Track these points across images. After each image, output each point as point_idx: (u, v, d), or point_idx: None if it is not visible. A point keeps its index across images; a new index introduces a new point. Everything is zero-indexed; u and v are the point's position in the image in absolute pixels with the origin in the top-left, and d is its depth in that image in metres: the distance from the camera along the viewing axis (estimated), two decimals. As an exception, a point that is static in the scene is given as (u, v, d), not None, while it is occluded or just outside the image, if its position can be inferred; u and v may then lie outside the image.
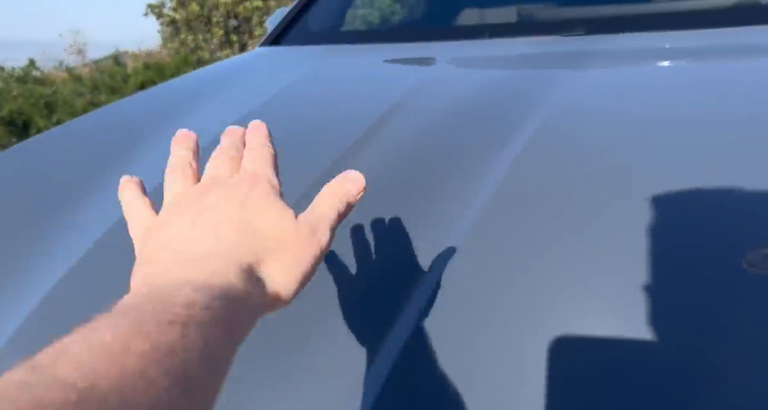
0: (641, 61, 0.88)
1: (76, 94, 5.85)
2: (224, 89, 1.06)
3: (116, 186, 0.44)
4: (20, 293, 0.56)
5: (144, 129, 0.92)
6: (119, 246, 0.59)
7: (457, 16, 1.83)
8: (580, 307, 0.42)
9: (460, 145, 0.65)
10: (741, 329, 0.38)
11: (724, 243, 0.45)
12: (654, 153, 0.57)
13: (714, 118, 0.63)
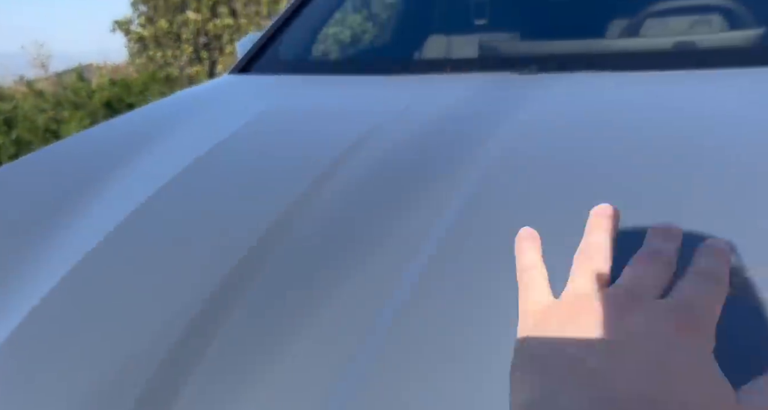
0: (585, 99, 0.94)
1: (37, 110, 5.70)
2: (189, 121, 1.07)
3: (90, 213, 0.46)
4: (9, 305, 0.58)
5: (111, 161, 0.93)
6: (99, 267, 0.62)
7: (423, 47, 1.90)
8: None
9: (417, 178, 0.69)
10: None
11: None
12: (584, 183, 0.63)
13: (639, 152, 0.69)
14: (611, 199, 0.60)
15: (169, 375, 0.44)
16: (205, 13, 7.86)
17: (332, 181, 0.71)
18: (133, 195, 0.75)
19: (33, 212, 0.79)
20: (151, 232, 0.68)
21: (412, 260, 0.52)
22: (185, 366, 0.44)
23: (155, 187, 0.76)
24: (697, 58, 1.09)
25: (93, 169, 0.92)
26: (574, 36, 1.43)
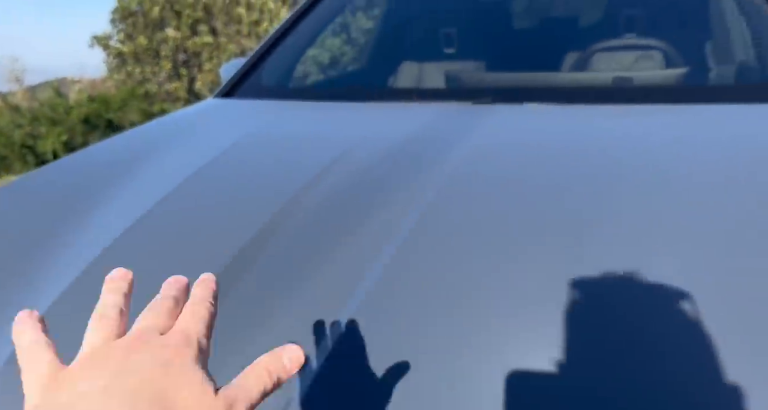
0: (529, 128, 1.08)
1: (14, 125, 5.68)
2: (176, 144, 1.17)
3: (78, 232, 0.57)
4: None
5: (101, 183, 1.02)
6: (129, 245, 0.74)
7: (397, 72, 2.04)
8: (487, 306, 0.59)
9: (380, 192, 0.82)
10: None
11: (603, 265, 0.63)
12: (519, 201, 0.77)
13: (573, 175, 0.83)
14: (538, 215, 0.73)
15: None
16: (184, 31, 7.95)
17: (307, 196, 0.82)
18: (140, 201, 0.87)
19: (59, 208, 0.92)
20: (155, 232, 0.80)
21: (384, 244, 0.67)
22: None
23: (156, 199, 0.87)
24: (631, 94, 1.26)
25: (106, 176, 1.02)
26: (527, 68, 1.59)
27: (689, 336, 0.53)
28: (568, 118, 1.13)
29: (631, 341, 0.54)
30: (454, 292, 0.61)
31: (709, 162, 0.87)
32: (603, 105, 1.18)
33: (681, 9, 1.65)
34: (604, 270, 0.63)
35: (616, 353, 0.53)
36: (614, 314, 0.58)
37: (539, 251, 0.66)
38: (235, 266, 0.68)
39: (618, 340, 0.55)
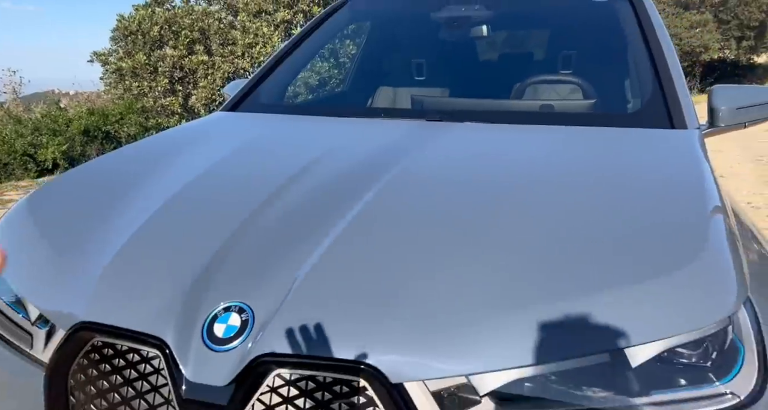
0: (471, 142, 1.46)
1: (17, 135, 5.97)
2: (188, 151, 1.50)
3: (127, 205, 0.94)
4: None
5: (143, 171, 1.36)
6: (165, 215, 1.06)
7: (375, 95, 2.42)
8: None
9: (346, 182, 1.18)
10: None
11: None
12: (443, 188, 1.13)
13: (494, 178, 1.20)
14: (454, 195, 1.09)
15: (221, 261, 0.91)
16: (182, 50, 8.34)
17: (279, 198, 1.15)
18: (175, 184, 1.22)
19: (106, 191, 1.26)
20: (183, 207, 1.15)
21: (348, 210, 1.04)
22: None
23: (184, 183, 1.22)
24: (556, 118, 1.66)
25: (146, 167, 1.37)
26: (476, 94, 2.00)
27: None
28: (497, 133, 1.52)
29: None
30: (386, 236, 0.97)
31: (581, 161, 1.26)
32: (529, 125, 1.56)
33: (599, 55, 2.07)
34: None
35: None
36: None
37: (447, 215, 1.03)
38: (242, 226, 1.03)
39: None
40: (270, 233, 1.00)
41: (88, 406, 0.88)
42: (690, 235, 0.97)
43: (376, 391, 0.78)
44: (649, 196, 1.11)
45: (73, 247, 1.05)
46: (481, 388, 0.78)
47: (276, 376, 0.80)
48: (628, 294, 0.84)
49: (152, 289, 0.91)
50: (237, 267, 0.92)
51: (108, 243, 1.05)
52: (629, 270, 0.88)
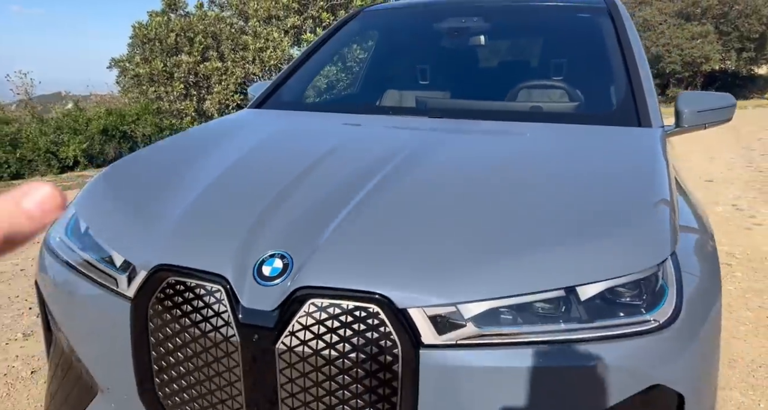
0: (466, 133, 1.71)
1: (41, 134, 6.27)
2: (224, 143, 1.76)
3: (190, 175, 1.20)
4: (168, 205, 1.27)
5: (197, 152, 1.64)
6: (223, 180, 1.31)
7: (383, 97, 2.69)
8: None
9: (364, 161, 1.43)
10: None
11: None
12: (439, 167, 1.39)
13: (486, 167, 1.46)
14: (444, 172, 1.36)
15: (270, 213, 1.16)
16: (196, 56, 8.66)
17: (312, 174, 1.41)
18: (223, 162, 1.48)
19: (169, 166, 1.53)
20: (246, 168, 1.42)
21: (367, 181, 1.27)
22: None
23: (233, 159, 1.48)
24: (541, 116, 1.92)
25: (199, 149, 1.65)
26: (472, 96, 2.26)
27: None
28: (490, 126, 1.78)
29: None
30: (397, 201, 1.22)
31: (558, 150, 1.52)
32: (522, 122, 1.82)
33: (582, 62, 2.33)
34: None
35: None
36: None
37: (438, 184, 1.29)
38: (285, 192, 1.29)
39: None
40: (306, 198, 1.26)
41: (164, 330, 1.14)
42: (637, 204, 1.23)
43: (387, 315, 1.02)
44: (611, 175, 1.37)
45: (147, 207, 1.32)
46: (465, 314, 1.03)
47: (310, 304, 1.06)
48: (583, 246, 1.09)
49: (215, 238, 1.17)
50: (280, 223, 1.18)
51: (176, 204, 1.31)
52: (586, 228, 1.14)
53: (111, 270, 1.24)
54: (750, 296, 2.74)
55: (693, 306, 1.06)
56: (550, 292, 1.04)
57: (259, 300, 1.07)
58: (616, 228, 1.14)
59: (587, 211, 1.20)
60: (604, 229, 1.14)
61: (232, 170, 1.45)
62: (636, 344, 1.01)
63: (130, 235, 1.26)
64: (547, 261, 1.07)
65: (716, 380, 1.15)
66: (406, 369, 1.01)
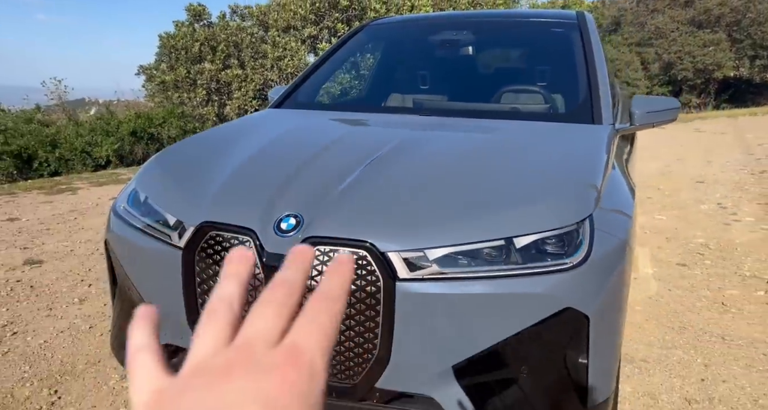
0: (448, 128, 2.09)
1: (77, 135, 6.79)
2: (252, 133, 2.17)
3: (231, 154, 1.59)
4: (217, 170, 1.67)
5: (235, 137, 2.04)
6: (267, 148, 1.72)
7: (387, 99, 3.07)
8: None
9: (362, 147, 1.81)
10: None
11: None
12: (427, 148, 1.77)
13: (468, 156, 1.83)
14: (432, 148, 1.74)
15: (304, 177, 1.54)
16: (218, 64, 9.17)
17: (321, 155, 1.80)
18: (251, 147, 1.87)
19: (211, 148, 1.93)
20: (269, 151, 1.80)
21: (372, 155, 1.65)
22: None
23: (263, 143, 1.88)
24: (517, 115, 2.28)
25: (236, 135, 2.04)
26: (463, 99, 2.63)
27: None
28: (474, 123, 2.15)
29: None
30: (388, 172, 1.60)
31: (524, 139, 1.88)
32: (505, 121, 2.19)
33: (553, 70, 2.69)
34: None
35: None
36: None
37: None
38: (300, 169, 1.67)
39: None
40: (315, 172, 1.65)
41: (207, 271, 1.52)
42: (571, 180, 1.59)
43: (372, 257, 1.39)
44: (558, 159, 1.72)
45: (193, 180, 1.72)
46: (430, 257, 1.39)
47: (316, 249, 1.43)
48: (522, 207, 1.45)
49: (245, 203, 1.55)
50: (295, 191, 1.56)
51: (215, 177, 1.70)
52: (526, 194, 1.50)
53: (166, 229, 1.63)
54: (713, 279, 3.05)
55: (600, 254, 1.41)
56: (493, 242, 1.40)
57: (279, 247, 1.44)
58: (550, 196, 1.50)
59: (531, 183, 1.56)
60: (540, 196, 1.50)
61: (259, 153, 1.84)
62: (554, 279, 1.37)
63: (180, 201, 1.65)
64: (492, 218, 1.43)
65: (620, 308, 1.49)
66: (386, 296, 1.38)
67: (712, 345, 2.33)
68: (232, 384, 0.27)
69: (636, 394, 2.00)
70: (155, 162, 1.94)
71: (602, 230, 1.47)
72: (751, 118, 11.93)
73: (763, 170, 6.10)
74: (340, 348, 1.42)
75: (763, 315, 2.61)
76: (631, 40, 18.02)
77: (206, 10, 10.13)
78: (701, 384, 2.06)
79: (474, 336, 1.37)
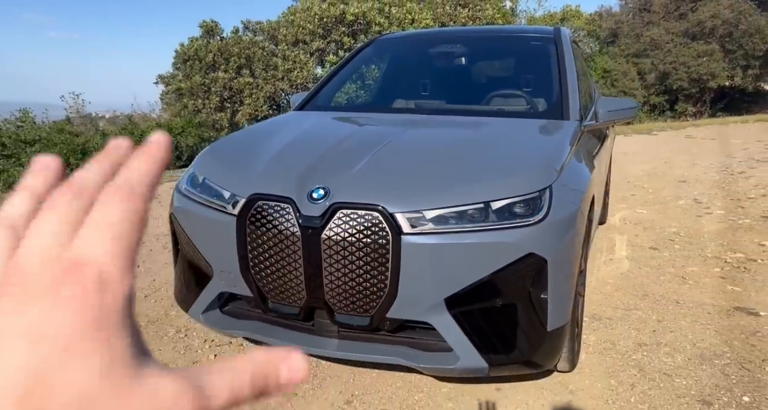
0: (443, 124, 2.55)
1: (104, 144, 7.30)
2: (284, 128, 2.64)
3: (265, 145, 2.09)
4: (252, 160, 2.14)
5: (268, 133, 2.51)
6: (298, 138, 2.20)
7: (391, 101, 3.54)
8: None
9: (374, 136, 2.28)
10: None
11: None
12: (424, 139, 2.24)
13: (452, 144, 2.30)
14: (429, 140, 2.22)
15: (327, 161, 2.00)
16: (231, 73, 9.71)
17: (342, 143, 2.26)
18: (286, 137, 2.34)
19: (255, 138, 2.40)
20: (301, 140, 2.27)
21: (381, 142, 2.12)
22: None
23: (294, 135, 2.35)
24: (503, 113, 2.75)
25: (270, 132, 2.51)
26: (458, 102, 3.10)
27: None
28: (465, 121, 2.61)
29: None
30: (396, 155, 2.05)
31: (505, 130, 2.34)
32: (491, 118, 2.65)
33: (533, 76, 3.16)
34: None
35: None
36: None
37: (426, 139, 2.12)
38: (325, 153, 2.13)
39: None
40: (339, 154, 2.12)
41: (257, 232, 1.97)
42: (538, 159, 2.05)
43: (383, 217, 1.84)
44: (531, 145, 2.19)
45: (241, 163, 2.20)
46: (427, 216, 1.84)
47: (340, 212, 1.88)
48: (498, 179, 1.91)
49: (284, 179, 2.01)
50: (323, 169, 2.02)
51: (259, 161, 2.17)
52: (502, 169, 1.96)
53: (221, 202, 2.09)
54: (678, 260, 3.48)
55: (557, 215, 1.86)
56: (475, 205, 1.86)
57: (311, 211, 1.90)
58: (521, 170, 1.96)
59: (506, 161, 2.03)
60: (513, 170, 1.96)
61: (293, 141, 2.32)
62: (521, 232, 1.82)
63: (233, 179, 2.11)
64: (474, 187, 1.89)
65: (573, 256, 1.93)
66: (394, 246, 1.83)
67: (667, 307, 2.76)
68: (11, 316, 0.21)
69: (599, 341, 2.44)
70: (209, 152, 2.41)
71: (559, 198, 1.92)
72: (741, 125, 12.37)
73: (742, 171, 6.54)
74: (360, 287, 1.87)
75: (715, 286, 3.05)
76: (627, 51, 18.56)
77: (219, 25, 10.72)
78: (653, 333, 2.49)
79: (460, 275, 1.82)
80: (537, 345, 1.88)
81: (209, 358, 2.36)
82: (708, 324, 2.58)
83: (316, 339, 2.00)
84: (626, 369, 2.22)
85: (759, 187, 5.57)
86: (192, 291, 2.21)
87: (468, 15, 12.80)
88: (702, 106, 17.65)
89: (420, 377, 2.16)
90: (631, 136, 10.66)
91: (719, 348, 2.37)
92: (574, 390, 2.10)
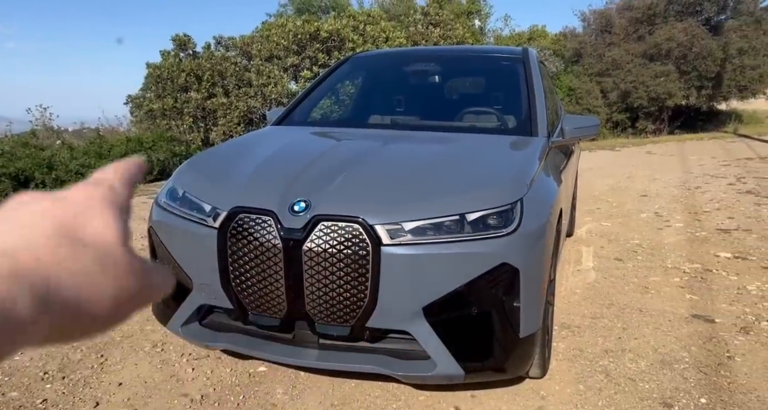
0: (419, 139, 2.65)
1: (71, 158, 7.15)
2: (263, 143, 2.70)
3: (246, 159, 2.14)
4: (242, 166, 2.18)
5: (248, 147, 2.55)
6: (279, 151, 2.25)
7: (368, 119, 3.64)
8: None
9: (352, 151, 2.36)
10: None
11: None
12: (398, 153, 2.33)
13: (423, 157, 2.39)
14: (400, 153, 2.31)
15: (310, 171, 2.06)
16: (203, 93, 9.68)
17: (322, 157, 2.33)
18: (265, 151, 2.39)
19: (233, 153, 2.43)
20: (281, 154, 2.32)
21: (357, 154, 2.19)
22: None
23: (272, 151, 2.40)
24: (474, 130, 2.87)
25: (248, 146, 2.55)
26: (431, 118, 3.21)
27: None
28: (440, 136, 2.72)
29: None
30: (372, 168, 2.13)
31: (477, 146, 2.45)
32: (463, 133, 2.76)
33: (503, 94, 3.31)
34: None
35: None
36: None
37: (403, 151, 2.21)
38: (306, 167, 2.19)
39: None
40: (319, 167, 2.18)
41: (237, 244, 2.00)
42: (510, 174, 2.16)
43: (363, 229, 1.91)
44: (502, 160, 2.30)
45: (221, 176, 2.23)
46: (405, 228, 1.92)
47: (321, 224, 1.94)
48: (472, 192, 2.00)
49: (266, 192, 2.06)
50: (303, 182, 2.08)
51: (239, 174, 2.21)
52: (476, 183, 2.06)
53: (202, 215, 2.12)
54: (641, 271, 3.65)
55: (528, 226, 1.96)
56: (451, 217, 1.94)
57: (293, 223, 1.95)
58: (493, 184, 2.07)
59: (479, 175, 2.13)
60: (486, 184, 2.06)
61: (273, 155, 2.38)
62: (495, 242, 1.91)
63: (213, 192, 2.15)
64: (450, 200, 1.97)
65: (543, 266, 2.03)
66: (373, 257, 1.89)
67: (631, 315, 2.90)
68: (29, 207, 0.31)
69: (568, 348, 2.54)
70: (189, 166, 2.44)
71: (530, 210, 2.02)
72: (697, 142, 12.98)
73: (698, 186, 6.87)
74: (340, 298, 1.92)
75: (675, 295, 3.21)
76: (591, 71, 19.28)
77: (191, 40, 10.69)
78: (618, 340, 2.61)
79: (438, 284, 1.89)
80: (510, 351, 1.97)
81: (186, 372, 2.35)
82: (668, 331, 2.72)
83: (297, 350, 2.03)
84: (594, 375, 2.32)
85: (713, 201, 5.87)
86: (170, 305, 2.21)
87: (440, 34, 13.13)
88: (661, 123, 18.43)
89: (398, 386, 2.21)
90: (596, 151, 11.06)
91: (679, 353, 2.50)
92: (545, 396, 2.18)
